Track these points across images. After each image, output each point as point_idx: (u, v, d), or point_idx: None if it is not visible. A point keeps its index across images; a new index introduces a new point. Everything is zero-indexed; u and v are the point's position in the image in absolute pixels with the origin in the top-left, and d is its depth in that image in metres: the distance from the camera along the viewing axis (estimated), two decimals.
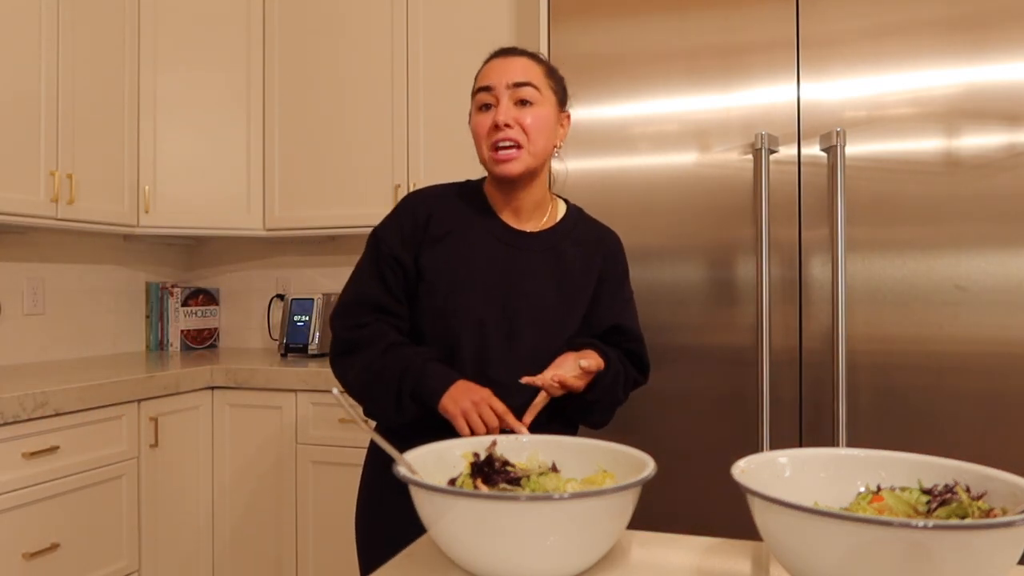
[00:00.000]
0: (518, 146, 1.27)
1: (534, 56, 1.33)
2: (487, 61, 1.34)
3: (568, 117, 1.37)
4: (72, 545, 2.01)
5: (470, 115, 1.34)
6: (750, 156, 1.76)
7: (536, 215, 1.36)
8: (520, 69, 1.29)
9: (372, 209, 2.40)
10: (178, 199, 2.73)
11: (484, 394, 1.20)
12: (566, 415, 1.35)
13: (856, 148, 1.69)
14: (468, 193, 1.37)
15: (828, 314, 1.69)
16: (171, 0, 2.72)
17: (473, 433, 1.17)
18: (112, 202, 2.55)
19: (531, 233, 1.35)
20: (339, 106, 2.75)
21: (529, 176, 1.31)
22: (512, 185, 1.31)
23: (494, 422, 1.18)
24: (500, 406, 1.19)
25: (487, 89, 1.29)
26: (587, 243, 1.38)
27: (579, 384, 1.26)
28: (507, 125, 1.26)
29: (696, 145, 1.80)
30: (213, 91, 2.78)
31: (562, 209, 1.41)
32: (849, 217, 1.68)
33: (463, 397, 1.19)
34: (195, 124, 2.75)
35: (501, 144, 1.26)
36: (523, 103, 1.28)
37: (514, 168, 1.27)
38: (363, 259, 1.37)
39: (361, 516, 1.39)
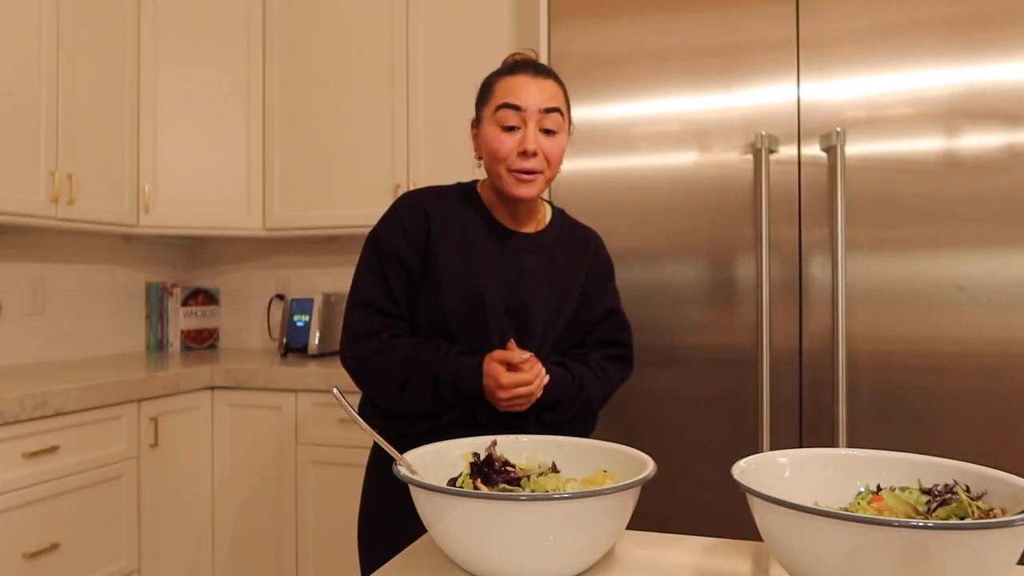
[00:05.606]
0: (539, 173, 1.28)
1: (558, 78, 1.32)
2: (512, 73, 1.29)
3: (569, 135, 1.38)
4: (72, 545, 2.01)
5: (478, 121, 1.33)
6: (750, 156, 1.76)
7: (529, 219, 1.39)
8: (551, 94, 1.28)
9: (372, 209, 2.39)
10: (178, 199, 2.73)
11: (506, 386, 1.22)
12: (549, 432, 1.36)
13: (856, 148, 1.69)
14: (463, 195, 1.38)
15: (828, 314, 1.69)
16: (171, 0, 2.72)
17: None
18: (112, 202, 2.55)
19: (526, 234, 1.37)
20: (339, 106, 2.75)
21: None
22: (520, 200, 1.33)
23: (526, 404, 1.24)
24: (520, 387, 1.23)
25: (516, 108, 1.25)
26: (573, 244, 1.42)
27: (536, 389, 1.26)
28: (534, 153, 1.26)
29: (696, 145, 1.80)
30: (213, 91, 2.78)
31: (548, 212, 1.43)
32: (849, 217, 1.68)
33: (495, 395, 1.23)
34: (195, 124, 2.75)
35: (524, 172, 1.26)
36: (548, 132, 1.27)
37: (531, 193, 1.29)
38: (366, 261, 1.35)
39: (364, 518, 1.39)
